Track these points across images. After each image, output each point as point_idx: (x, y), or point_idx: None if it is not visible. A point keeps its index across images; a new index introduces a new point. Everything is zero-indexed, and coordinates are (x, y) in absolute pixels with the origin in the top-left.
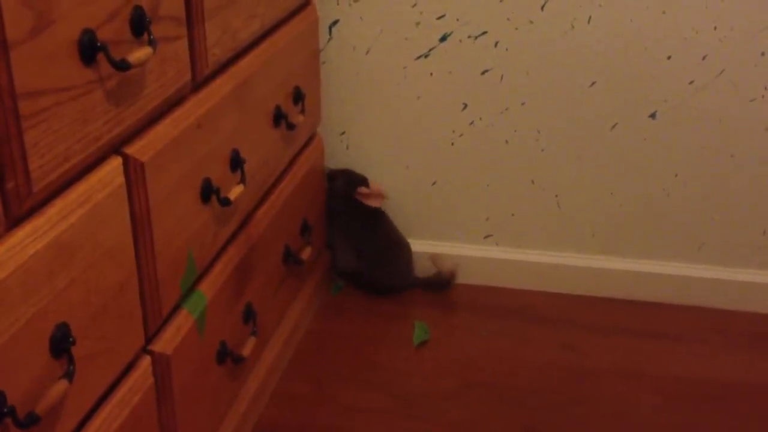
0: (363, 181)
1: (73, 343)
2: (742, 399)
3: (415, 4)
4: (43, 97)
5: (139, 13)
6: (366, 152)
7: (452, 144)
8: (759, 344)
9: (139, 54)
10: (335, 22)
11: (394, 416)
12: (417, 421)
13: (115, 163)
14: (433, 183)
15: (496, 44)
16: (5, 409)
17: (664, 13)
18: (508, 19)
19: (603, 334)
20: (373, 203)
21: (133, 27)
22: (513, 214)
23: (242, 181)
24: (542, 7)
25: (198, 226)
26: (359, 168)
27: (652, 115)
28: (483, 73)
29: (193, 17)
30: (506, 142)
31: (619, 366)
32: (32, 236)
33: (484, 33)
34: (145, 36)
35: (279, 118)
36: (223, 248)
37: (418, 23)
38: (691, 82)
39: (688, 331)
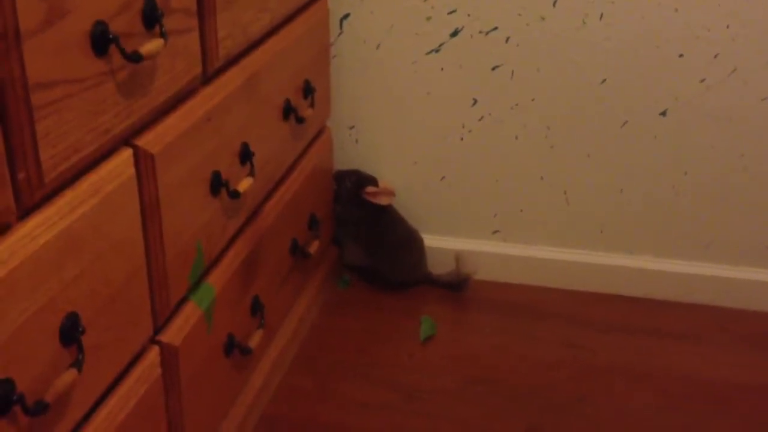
0: (372, 180)
1: (83, 332)
2: (748, 399)
3: None
4: (55, 88)
5: (151, 6)
6: (375, 147)
7: (461, 139)
8: (765, 344)
9: (150, 46)
10: (346, 16)
11: (399, 412)
12: (422, 417)
13: (126, 154)
14: (442, 178)
15: (507, 40)
16: (14, 397)
17: (676, 10)
18: (519, 14)
19: (609, 331)
20: (382, 201)
21: (144, 19)
22: (521, 210)
23: (251, 173)
24: (554, 4)
25: (207, 218)
26: (367, 162)
27: (663, 113)
28: (493, 68)
29: (204, 10)
30: (516, 138)
31: (624, 364)
32: (43, 226)
33: (495, 29)
34: (157, 28)
35: (288, 111)
36: (232, 241)
37: (429, 18)
38: (702, 81)
39: (695, 329)
